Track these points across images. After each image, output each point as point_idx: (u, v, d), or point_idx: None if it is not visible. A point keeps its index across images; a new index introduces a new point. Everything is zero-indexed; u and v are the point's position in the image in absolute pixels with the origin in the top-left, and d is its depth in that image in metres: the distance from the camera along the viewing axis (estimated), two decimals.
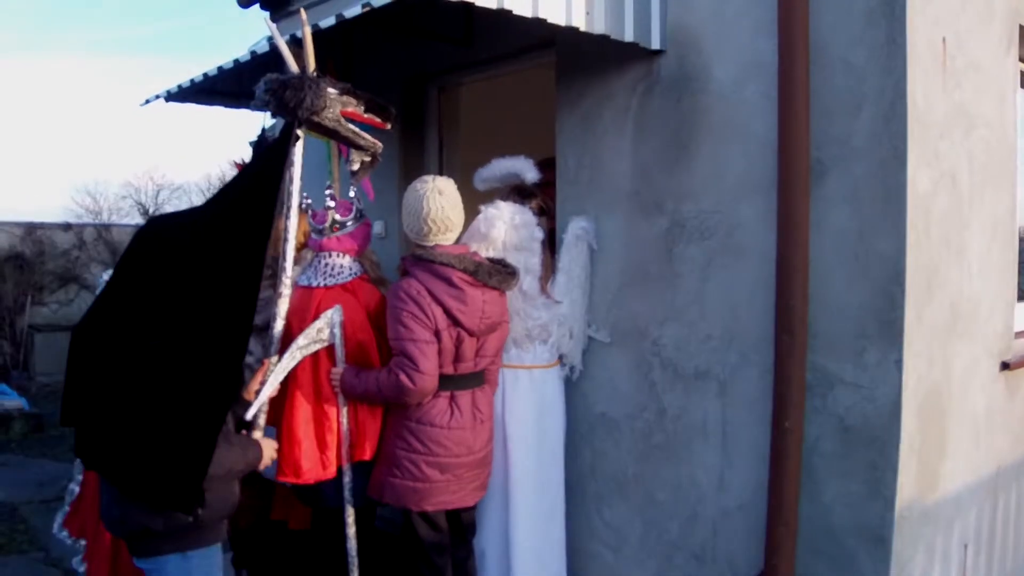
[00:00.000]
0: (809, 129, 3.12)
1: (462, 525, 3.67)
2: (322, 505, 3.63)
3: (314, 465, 3.44)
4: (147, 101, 4.81)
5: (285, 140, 2.87)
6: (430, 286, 3.31)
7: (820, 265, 3.14)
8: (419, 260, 3.39)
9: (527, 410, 3.83)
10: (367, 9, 3.03)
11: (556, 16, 3.19)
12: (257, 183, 2.82)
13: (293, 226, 3.15)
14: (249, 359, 3.06)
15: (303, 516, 3.97)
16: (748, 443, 3.38)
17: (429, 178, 3.48)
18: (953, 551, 3.44)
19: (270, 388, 3.24)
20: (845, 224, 3.08)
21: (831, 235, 3.12)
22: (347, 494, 3.51)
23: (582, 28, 3.29)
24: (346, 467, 3.48)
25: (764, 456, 3.27)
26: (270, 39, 3.19)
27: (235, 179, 2.98)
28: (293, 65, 3.01)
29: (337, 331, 3.42)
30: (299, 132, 2.96)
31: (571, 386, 4.01)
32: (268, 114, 2.99)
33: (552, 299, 3.84)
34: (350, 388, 3.36)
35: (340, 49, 4.51)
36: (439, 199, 3.39)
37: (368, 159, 3.34)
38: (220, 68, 3.98)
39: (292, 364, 3.32)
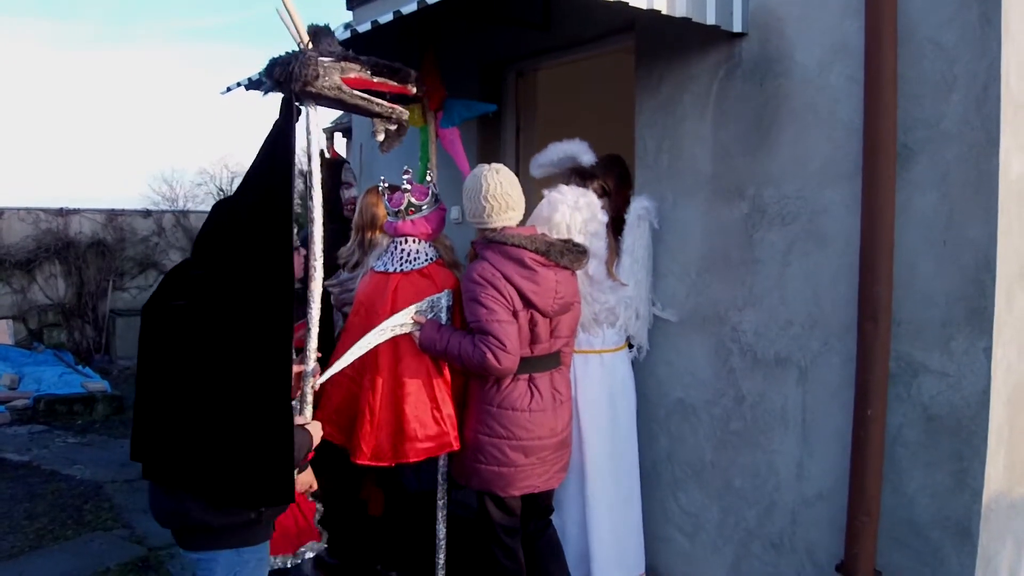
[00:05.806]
0: (896, 113, 3.06)
1: (540, 508, 3.68)
2: (402, 490, 3.67)
3: (392, 448, 3.50)
4: (228, 89, 4.88)
5: (285, 116, 2.77)
6: (503, 268, 3.31)
7: (906, 252, 3.09)
8: (490, 243, 3.39)
9: (600, 394, 3.83)
10: None
11: (638, 0, 3.17)
12: (267, 163, 2.69)
13: (318, 204, 2.96)
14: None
15: (381, 502, 4.03)
16: (829, 431, 3.34)
17: (484, 164, 3.52)
18: None
19: (345, 363, 3.28)
20: (933, 210, 3.02)
21: (918, 221, 3.06)
22: (440, 478, 3.56)
23: (664, 11, 3.26)
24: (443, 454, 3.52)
25: (845, 445, 3.23)
26: (347, 26, 3.21)
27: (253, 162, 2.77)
28: (304, 37, 2.87)
29: (444, 316, 3.46)
30: (301, 107, 2.84)
31: (647, 371, 4.00)
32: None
33: (619, 281, 3.84)
34: (429, 342, 3.36)
35: (419, 35, 4.53)
36: (496, 176, 3.42)
37: (393, 127, 3.26)
38: None
39: (379, 341, 3.34)
